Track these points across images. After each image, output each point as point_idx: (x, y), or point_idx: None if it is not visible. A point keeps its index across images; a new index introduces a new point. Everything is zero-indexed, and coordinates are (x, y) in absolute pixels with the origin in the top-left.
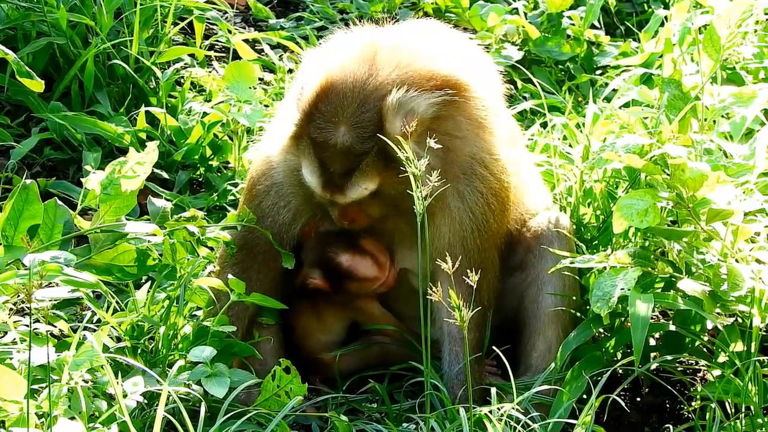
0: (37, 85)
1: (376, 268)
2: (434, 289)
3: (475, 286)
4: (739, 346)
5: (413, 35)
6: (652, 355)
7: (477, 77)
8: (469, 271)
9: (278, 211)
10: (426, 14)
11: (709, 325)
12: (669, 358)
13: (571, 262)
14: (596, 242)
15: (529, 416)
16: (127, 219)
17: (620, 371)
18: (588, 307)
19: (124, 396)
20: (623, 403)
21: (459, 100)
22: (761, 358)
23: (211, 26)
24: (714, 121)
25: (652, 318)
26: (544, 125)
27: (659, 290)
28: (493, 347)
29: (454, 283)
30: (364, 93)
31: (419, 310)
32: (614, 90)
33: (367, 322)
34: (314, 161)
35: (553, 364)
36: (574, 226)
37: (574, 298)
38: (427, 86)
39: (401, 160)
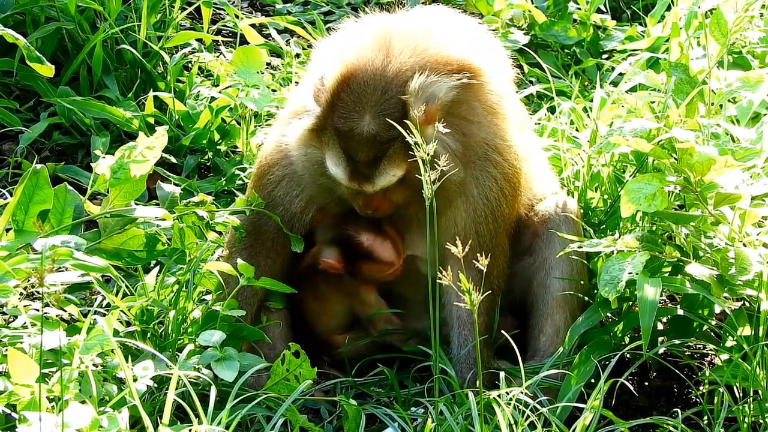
0: (47, 70)
1: (395, 253)
2: (444, 273)
3: (485, 270)
4: (746, 330)
5: (424, 21)
6: (660, 339)
7: (489, 62)
8: (479, 255)
9: (291, 200)
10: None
11: (717, 310)
12: (677, 342)
13: (579, 247)
14: (603, 226)
15: (537, 400)
16: (136, 204)
17: (628, 355)
18: (596, 291)
19: (135, 380)
20: (631, 387)
21: (474, 85)
22: None
23: (218, 11)
24: (721, 106)
25: (659, 302)
26: (551, 110)
27: (667, 274)
28: (502, 331)
29: (464, 267)
30: (385, 80)
31: (426, 296)
32: (621, 74)
33: (362, 309)
34: (339, 152)
35: (561, 348)
36: (582, 211)
37: (581, 282)
38: (444, 71)
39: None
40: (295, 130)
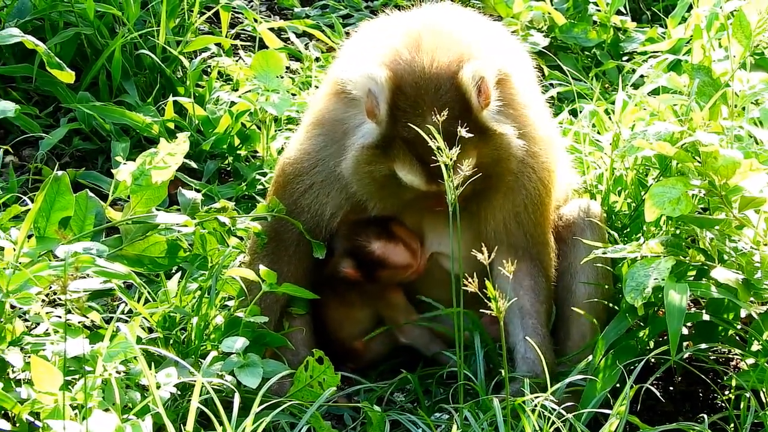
0: (67, 76)
1: (409, 255)
2: (470, 280)
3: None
4: None
5: (446, 18)
6: (685, 344)
7: (517, 58)
8: (530, 246)
9: (320, 207)
10: (452, 0)
11: (743, 314)
12: (703, 346)
13: (604, 252)
14: (628, 230)
15: (563, 405)
16: (157, 210)
17: (653, 360)
18: (621, 296)
19: (158, 387)
20: (657, 393)
21: (506, 79)
22: None
23: (236, 15)
24: (744, 108)
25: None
26: (572, 112)
27: (691, 279)
28: (526, 337)
29: (516, 259)
30: (435, 77)
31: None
32: (642, 76)
33: (390, 314)
34: (411, 160)
35: (591, 357)
36: (605, 215)
37: (606, 287)
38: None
39: (492, 129)
40: (353, 152)
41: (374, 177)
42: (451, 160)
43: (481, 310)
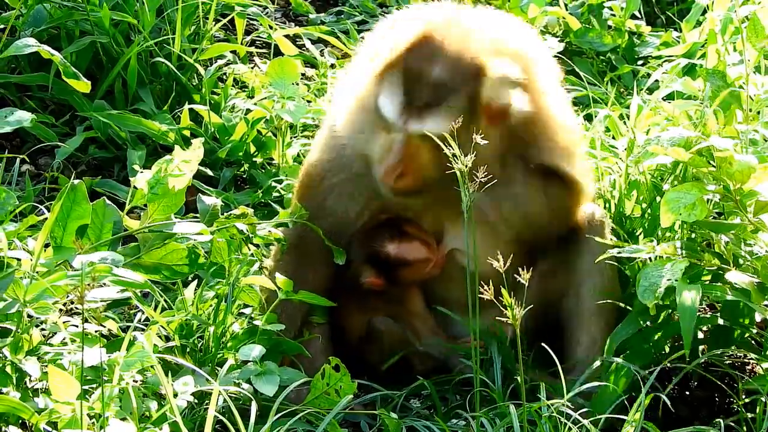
0: (83, 86)
1: (425, 249)
2: (486, 288)
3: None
4: None
5: (472, 16)
6: (701, 348)
7: (540, 52)
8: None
9: (345, 207)
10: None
11: (758, 318)
12: (718, 352)
13: (619, 253)
14: (640, 234)
15: (579, 412)
16: (175, 217)
17: (668, 364)
18: (632, 302)
19: (175, 396)
20: (669, 403)
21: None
22: None
23: (251, 22)
24: (758, 112)
25: (699, 311)
26: (587, 117)
27: (706, 282)
28: (542, 344)
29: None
30: (465, 45)
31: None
32: (656, 81)
33: (409, 321)
34: (399, 90)
35: (598, 361)
36: (620, 218)
37: (614, 291)
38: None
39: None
40: (363, 75)
41: (362, 108)
42: (434, 104)
43: None
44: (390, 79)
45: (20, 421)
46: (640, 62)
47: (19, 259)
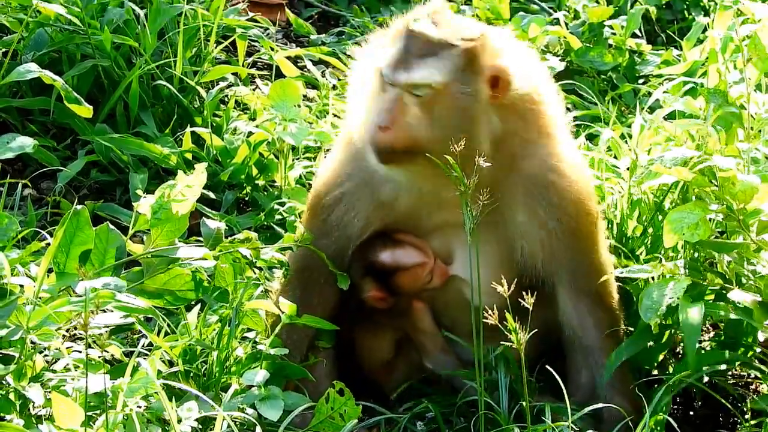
0: (85, 110)
1: (419, 253)
2: (490, 312)
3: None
4: None
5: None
6: (705, 368)
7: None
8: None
9: (349, 221)
10: None
11: (761, 337)
12: (722, 368)
13: (621, 273)
14: (640, 252)
15: None
16: (178, 241)
17: (672, 386)
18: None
19: (179, 421)
20: (673, 422)
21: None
22: None
23: (253, 43)
24: (760, 131)
25: (702, 331)
26: (589, 137)
27: (709, 301)
28: (546, 366)
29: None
30: (465, 25)
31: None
32: (657, 99)
33: (418, 338)
34: (397, 45)
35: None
36: (621, 237)
37: (617, 312)
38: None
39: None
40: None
41: (366, 72)
42: (423, 57)
43: None
44: (392, 43)
45: None
46: (641, 81)
47: (22, 286)
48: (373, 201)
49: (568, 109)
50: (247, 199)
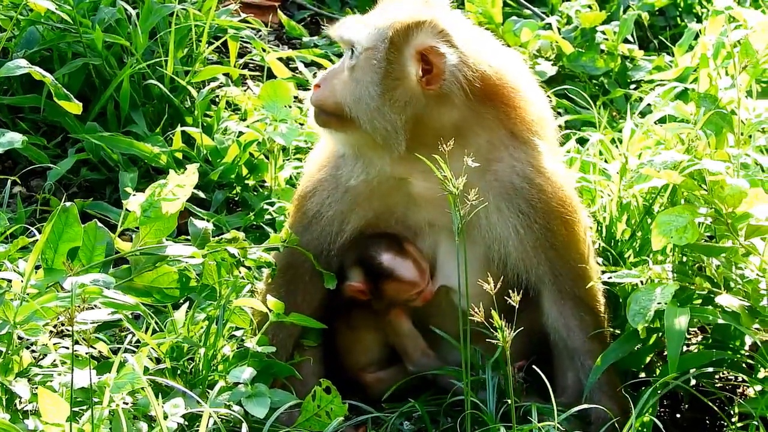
0: (75, 107)
1: (417, 273)
2: (476, 309)
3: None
4: None
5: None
6: (691, 371)
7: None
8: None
9: (333, 213)
10: None
11: (748, 341)
12: (709, 370)
13: (609, 278)
14: (628, 256)
15: None
16: (167, 240)
17: (659, 390)
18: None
19: (165, 418)
20: (660, 424)
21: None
22: None
23: (245, 44)
24: (750, 136)
25: (690, 334)
26: (579, 141)
27: (697, 305)
28: (533, 366)
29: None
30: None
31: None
32: (649, 104)
33: (397, 341)
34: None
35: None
36: (610, 240)
37: (604, 315)
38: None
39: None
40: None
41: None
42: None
43: None
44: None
45: None
46: (632, 86)
47: (9, 281)
48: (339, 188)
49: (559, 113)
50: (237, 198)
